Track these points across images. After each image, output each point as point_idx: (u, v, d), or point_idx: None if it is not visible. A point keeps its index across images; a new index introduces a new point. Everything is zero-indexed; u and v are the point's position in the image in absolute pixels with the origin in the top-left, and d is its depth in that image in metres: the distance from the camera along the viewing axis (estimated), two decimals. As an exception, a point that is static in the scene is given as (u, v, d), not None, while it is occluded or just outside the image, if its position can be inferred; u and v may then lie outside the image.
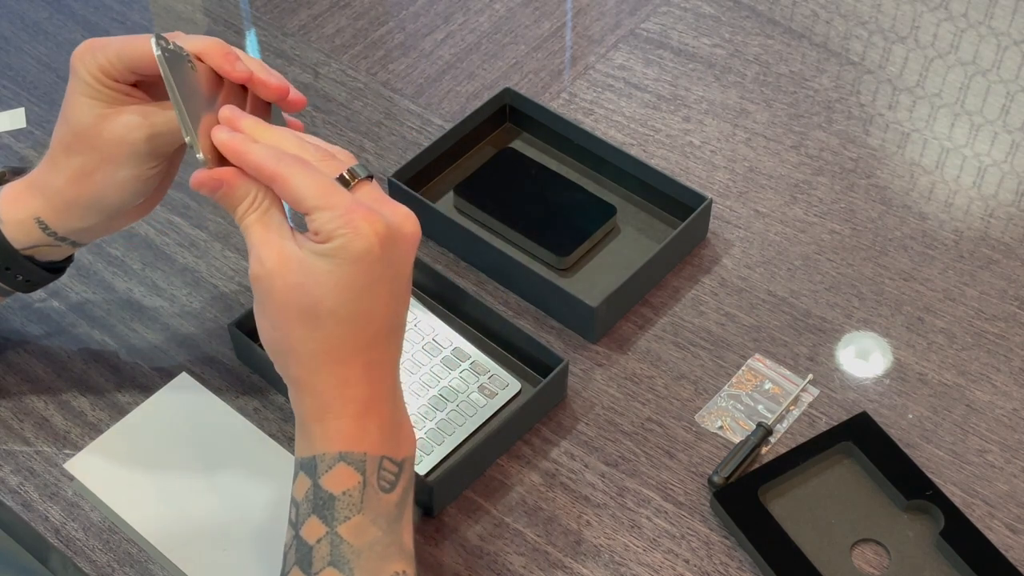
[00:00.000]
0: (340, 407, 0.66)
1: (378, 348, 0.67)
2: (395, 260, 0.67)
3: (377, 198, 0.67)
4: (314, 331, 0.65)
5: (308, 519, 0.66)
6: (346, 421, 0.66)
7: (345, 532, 0.65)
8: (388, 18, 1.19)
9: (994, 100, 1.10)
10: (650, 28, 1.17)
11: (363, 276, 0.65)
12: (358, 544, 0.65)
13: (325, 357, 0.66)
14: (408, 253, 0.68)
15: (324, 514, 0.65)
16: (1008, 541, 0.81)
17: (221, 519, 0.81)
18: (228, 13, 1.19)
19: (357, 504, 0.65)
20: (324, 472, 0.66)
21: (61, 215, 0.78)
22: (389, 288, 0.67)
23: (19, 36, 1.16)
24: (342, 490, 0.65)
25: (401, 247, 0.67)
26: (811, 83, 1.11)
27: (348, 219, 0.64)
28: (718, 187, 1.03)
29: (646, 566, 0.80)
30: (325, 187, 0.65)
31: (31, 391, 0.89)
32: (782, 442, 0.86)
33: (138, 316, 0.94)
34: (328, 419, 0.66)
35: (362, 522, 0.65)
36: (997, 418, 0.87)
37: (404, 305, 0.69)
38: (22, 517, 0.82)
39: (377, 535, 0.66)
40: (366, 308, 0.66)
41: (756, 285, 0.96)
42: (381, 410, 0.68)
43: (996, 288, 0.95)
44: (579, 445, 0.86)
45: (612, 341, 0.92)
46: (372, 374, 0.67)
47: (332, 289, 0.65)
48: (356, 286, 0.65)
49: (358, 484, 0.66)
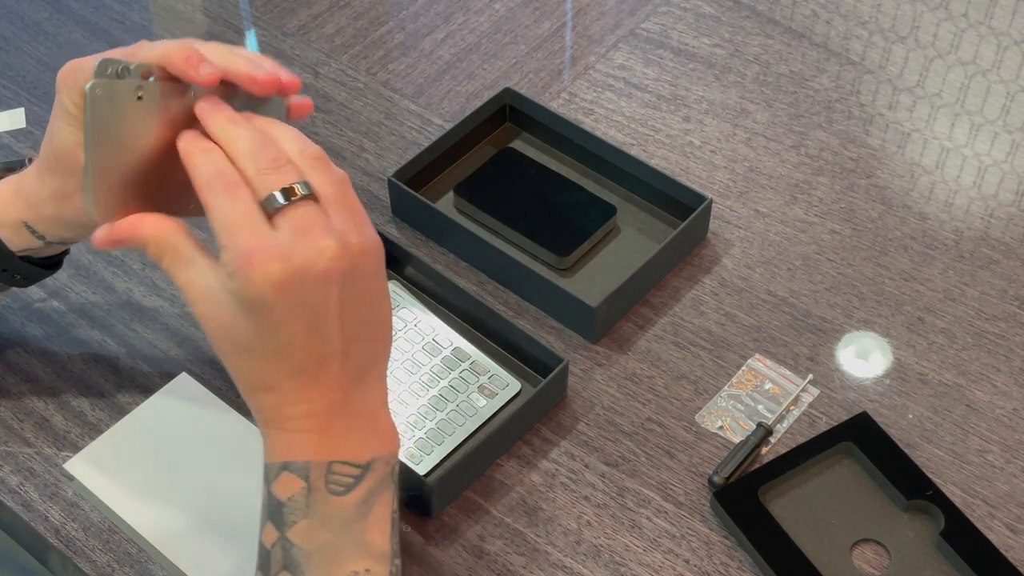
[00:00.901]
0: (279, 423, 0.67)
1: (309, 372, 0.66)
2: (306, 300, 0.64)
3: (304, 226, 0.63)
4: (242, 361, 0.66)
5: (265, 524, 0.67)
6: (286, 435, 0.67)
7: (294, 536, 0.66)
8: (388, 18, 1.19)
9: (994, 100, 1.10)
10: (650, 28, 1.17)
11: (265, 320, 0.64)
12: (308, 547, 0.66)
13: (255, 383, 0.67)
14: (326, 286, 0.64)
15: (276, 519, 0.67)
16: (1008, 541, 0.81)
17: (221, 519, 0.81)
18: (228, 13, 1.19)
19: (303, 509, 0.66)
20: (272, 479, 0.67)
21: (47, 225, 0.78)
22: (306, 324, 0.64)
23: (19, 36, 1.16)
24: (288, 496, 0.66)
25: (311, 287, 0.63)
26: (811, 83, 1.11)
27: (241, 265, 0.62)
28: (718, 187, 1.03)
29: (646, 566, 0.80)
30: (233, 222, 0.63)
31: (31, 391, 0.89)
32: (782, 442, 0.86)
33: (138, 316, 0.94)
34: (270, 433, 0.68)
35: (310, 526, 0.66)
36: (997, 418, 0.87)
37: (335, 333, 0.66)
38: (22, 517, 0.82)
39: (327, 537, 0.67)
40: (281, 344, 0.65)
41: (756, 285, 0.96)
42: (329, 420, 0.67)
43: (996, 288, 0.95)
44: (579, 445, 0.86)
45: (612, 341, 0.92)
46: (308, 392, 0.66)
47: (244, 326, 0.64)
48: (262, 328, 0.64)
49: (302, 489, 0.66)
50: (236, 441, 0.86)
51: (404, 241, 0.98)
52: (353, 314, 0.66)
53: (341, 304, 0.65)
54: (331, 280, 0.64)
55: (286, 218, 0.64)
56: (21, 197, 0.78)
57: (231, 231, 0.63)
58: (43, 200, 0.76)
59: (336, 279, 0.64)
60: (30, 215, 0.77)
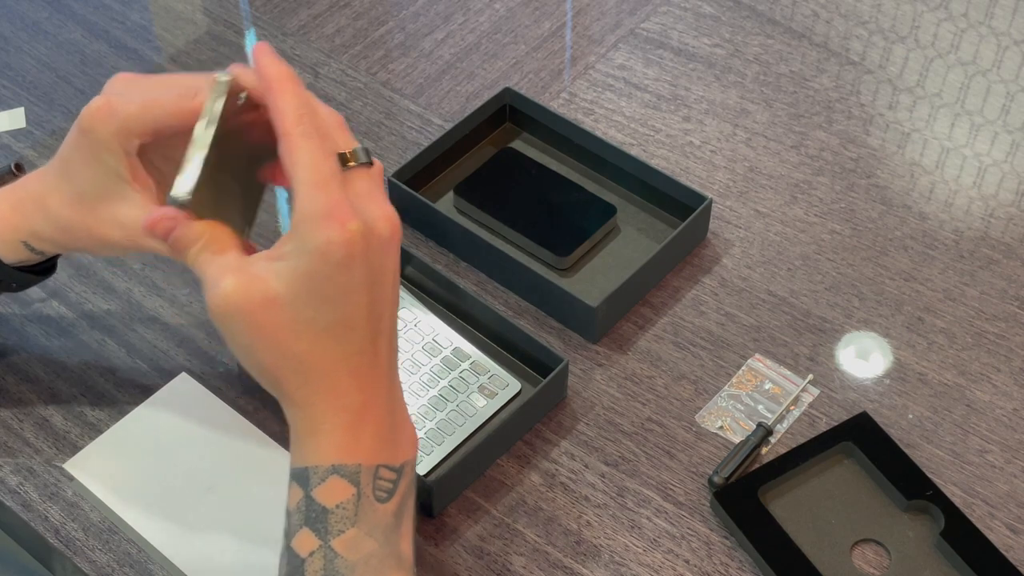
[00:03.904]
0: (332, 418, 0.64)
1: (365, 353, 0.65)
2: (372, 264, 0.63)
3: (366, 191, 0.64)
4: (294, 345, 0.63)
5: (300, 531, 0.64)
6: (339, 433, 0.64)
7: (339, 546, 0.63)
8: (388, 18, 1.19)
9: (994, 100, 1.10)
10: (650, 28, 1.17)
11: (335, 285, 0.62)
12: (353, 558, 0.64)
13: (310, 370, 0.64)
14: (386, 255, 0.64)
15: (317, 527, 0.63)
16: (1008, 541, 0.81)
17: (221, 519, 0.81)
18: (228, 13, 1.19)
19: (351, 517, 0.64)
20: (317, 484, 0.64)
21: (46, 245, 0.77)
22: (368, 293, 0.64)
23: (19, 36, 1.16)
24: (336, 503, 0.64)
25: (377, 251, 0.63)
26: (811, 83, 1.11)
27: (330, 219, 0.61)
28: (718, 187, 1.03)
29: (646, 566, 0.80)
30: (321, 172, 0.62)
31: (31, 391, 0.89)
32: (782, 442, 0.86)
33: (138, 316, 0.94)
34: (321, 432, 0.64)
35: (357, 535, 0.64)
36: (997, 418, 0.87)
37: (388, 308, 0.66)
38: (22, 517, 0.82)
39: (373, 547, 0.64)
40: (347, 314, 0.63)
41: (756, 285, 0.96)
42: (376, 417, 0.66)
43: (996, 288, 0.95)
44: (579, 445, 0.86)
45: (612, 341, 0.92)
46: (362, 381, 0.65)
47: (305, 303, 0.62)
48: (328, 295, 0.62)
49: (352, 496, 0.64)
50: (236, 441, 0.86)
51: (404, 241, 0.98)
52: (394, 292, 0.66)
53: (394, 277, 0.65)
54: (389, 250, 0.64)
55: (354, 179, 0.64)
56: (20, 214, 0.76)
57: (316, 181, 0.62)
58: (48, 229, 0.75)
59: (392, 250, 0.65)
60: (32, 236, 0.76)
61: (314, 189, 0.62)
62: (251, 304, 0.63)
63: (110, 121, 0.69)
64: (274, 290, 0.62)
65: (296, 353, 0.63)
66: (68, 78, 1.12)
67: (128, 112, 0.69)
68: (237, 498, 0.82)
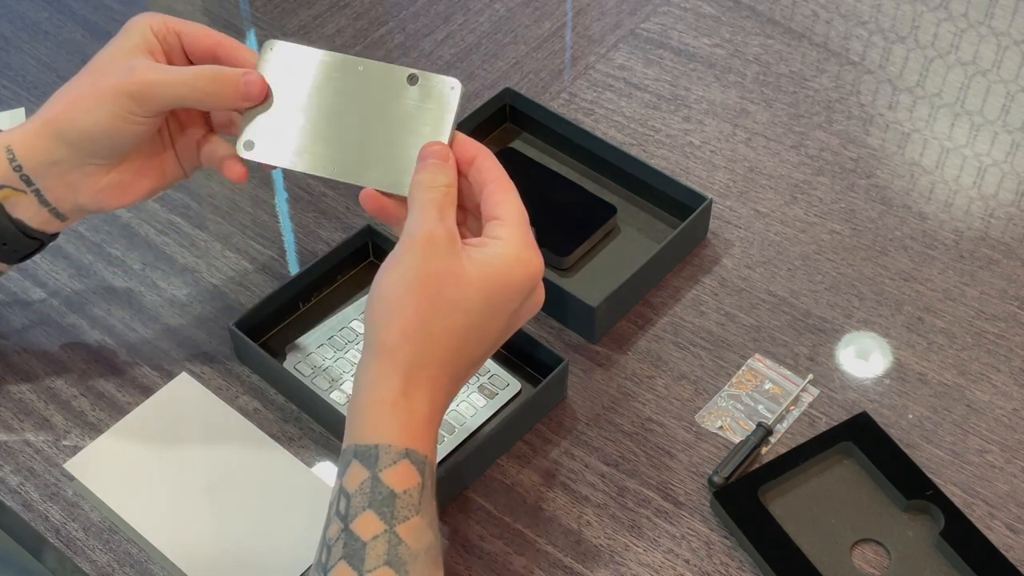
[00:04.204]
0: (418, 400, 0.67)
1: (467, 371, 0.71)
2: (522, 306, 0.71)
3: (531, 241, 0.72)
4: (443, 316, 0.67)
5: (363, 513, 0.64)
6: (419, 418, 0.67)
7: (404, 533, 0.64)
8: (388, 18, 1.19)
9: (994, 100, 1.10)
10: (650, 28, 1.17)
11: (503, 298, 0.69)
12: (416, 547, 0.64)
13: (435, 344, 0.67)
14: (528, 313, 0.72)
15: (384, 511, 0.64)
16: (1008, 541, 0.81)
17: (221, 519, 0.81)
18: (228, 13, 1.19)
19: (416, 505, 0.65)
20: (387, 466, 0.65)
21: (31, 139, 0.77)
22: (504, 324, 0.70)
23: (19, 36, 1.16)
24: (403, 488, 0.65)
25: (530, 300, 0.72)
26: (811, 83, 1.11)
27: (532, 250, 0.70)
28: (718, 187, 1.03)
29: (646, 566, 0.80)
30: (526, 217, 0.72)
31: (31, 391, 0.89)
32: (782, 442, 0.86)
33: (138, 316, 0.94)
34: (401, 409, 0.66)
35: (420, 524, 0.65)
36: (997, 418, 0.87)
37: (492, 349, 0.72)
38: (22, 517, 0.82)
39: (432, 539, 0.66)
40: (486, 326, 0.69)
41: (756, 285, 0.96)
42: (438, 424, 0.69)
43: (996, 288, 0.95)
44: (579, 445, 0.86)
45: (612, 341, 0.92)
46: (452, 388, 0.70)
47: (480, 294, 0.68)
48: (494, 302, 0.69)
49: (418, 485, 0.65)
50: (236, 441, 0.86)
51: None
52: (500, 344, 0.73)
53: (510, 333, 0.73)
54: (533, 307, 0.73)
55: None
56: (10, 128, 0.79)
57: (524, 220, 0.72)
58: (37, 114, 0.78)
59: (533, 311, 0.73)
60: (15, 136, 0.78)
61: (524, 223, 0.71)
62: (445, 263, 0.68)
63: (154, 17, 0.78)
64: (464, 267, 0.68)
65: (436, 322, 0.67)
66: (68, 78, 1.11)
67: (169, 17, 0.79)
68: (237, 498, 0.82)
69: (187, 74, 0.75)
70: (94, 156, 0.78)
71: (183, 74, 0.75)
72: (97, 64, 0.78)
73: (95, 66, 0.78)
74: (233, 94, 0.76)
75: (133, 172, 0.80)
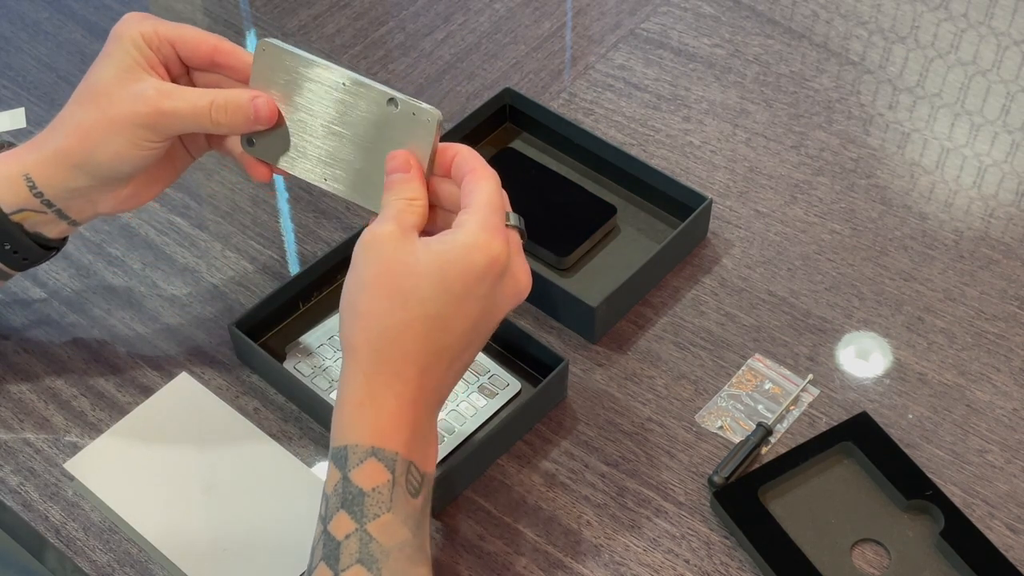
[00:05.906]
0: (383, 397, 0.67)
1: (438, 365, 0.69)
2: (494, 294, 0.69)
3: (517, 247, 0.71)
4: (398, 309, 0.67)
5: (337, 514, 0.65)
6: (384, 416, 0.67)
7: (375, 530, 0.65)
8: (388, 18, 1.19)
9: (994, 100, 1.10)
10: (650, 28, 1.17)
11: (463, 285, 0.68)
12: (388, 544, 0.65)
13: (393, 339, 0.67)
14: (506, 299, 0.71)
15: (353, 510, 0.65)
16: (1008, 541, 0.81)
17: (221, 519, 0.81)
18: (228, 13, 1.19)
19: (387, 502, 0.65)
20: (355, 466, 0.66)
21: (50, 169, 0.78)
22: (477, 313, 0.69)
23: (19, 36, 1.16)
24: (372, 486, 0.65)
25: (503, 289, 0.70)
26: (811, 83, 1.11)
27: (490, 233, 0.68)
28: (718, 187, 1.03)
29: (646, 566, 0.80)
30: (496, 202, 0.70)
31: (31, 391, 0.89)
32: (782, 442, 0.86)
33: (138, 316, 0.94)
34: (367, 407, 0.67)
35: (392, 521, 0.65)
36: (997, 418, 0.87)
37: (477, 344, 0.71)
38: (22, 517, 0.82)
39: (407, 536, 0.66)
40: (450, 315, 0.68)
41: (756, 285, 0.96)
42: (418, 418, 0.69)
43: (996, 288, 0.95)
44: (579, 445, 0.86)
45: (612, 341, 0.92)
46: (424, 381, 0.68)
47: (433, 281, 0.67)
48: (453, 290, 0.67)
49: (387, 482, 0.66)
50: (236, 441, 0.86)
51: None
52: (486, 338, 0.72)
53: (495, 326, 0.72)
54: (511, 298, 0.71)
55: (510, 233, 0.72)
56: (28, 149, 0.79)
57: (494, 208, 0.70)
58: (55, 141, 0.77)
59: (513, 301, 0.72)
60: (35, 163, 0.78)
61: (488, 209, 0.69)
62: (394, 258, 0.68)
63: (144, 22, 0.77)
64: (419, 262, 0.68)
65: (393, 316, 0.67)
66: (68, 78, 1.12)
67: (158, 22, 0.77)
68: (237, 498, 0.82)
69: (201, 104, 0.75)
70: (113, 179, 0.79)
71: (197, 103, 0.75)
72: (99, 86, 0.76)
73: (98, 88, 0.76)
74: (244, 121, 0.76)
75: (149, 178, 0.81)
